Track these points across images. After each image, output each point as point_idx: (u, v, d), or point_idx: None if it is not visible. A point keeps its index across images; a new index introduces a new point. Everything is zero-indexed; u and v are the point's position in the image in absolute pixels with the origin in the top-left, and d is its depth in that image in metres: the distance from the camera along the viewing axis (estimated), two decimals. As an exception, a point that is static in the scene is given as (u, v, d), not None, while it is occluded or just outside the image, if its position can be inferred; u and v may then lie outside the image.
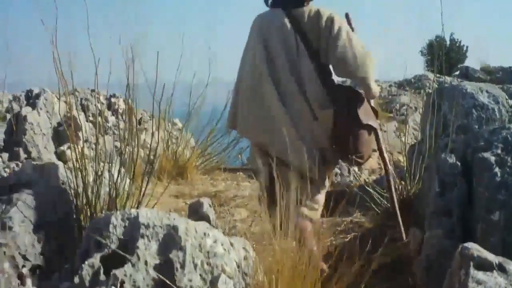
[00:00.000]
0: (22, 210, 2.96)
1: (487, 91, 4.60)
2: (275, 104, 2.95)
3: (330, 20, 2.99)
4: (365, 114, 2.98)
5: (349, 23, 3.20)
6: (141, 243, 2.05)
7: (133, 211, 2.16)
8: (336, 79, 3.13)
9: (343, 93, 3.02)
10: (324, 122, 2.95)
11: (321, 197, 3.13)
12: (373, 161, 5.91)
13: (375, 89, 3.06)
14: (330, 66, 3.05)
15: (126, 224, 2.11)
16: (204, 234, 2.15)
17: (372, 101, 3.13)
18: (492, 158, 3.05)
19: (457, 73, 16.63)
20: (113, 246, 2.06)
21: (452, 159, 3.28)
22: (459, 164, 3.24)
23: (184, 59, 5.84)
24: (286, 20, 3.04)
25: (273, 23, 3.08)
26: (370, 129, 3.04)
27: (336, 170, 5.78)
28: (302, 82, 2.96)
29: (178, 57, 5.83)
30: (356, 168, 5.49)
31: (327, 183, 3.18)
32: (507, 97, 4.63)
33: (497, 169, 2.96)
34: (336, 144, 2.97)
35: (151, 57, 3.43)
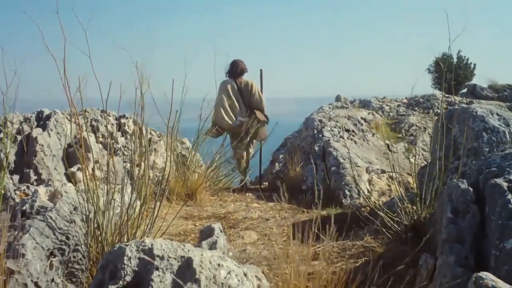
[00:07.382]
0: (35, 236, 2.96)
1: (497, 114, 4.59)
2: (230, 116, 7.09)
3: (251, 86, 7.26)
4: (258, 118, 7.11)
5: (261, 76, 7.61)
6: (155, 275, 2.04)
7: (148, 242, 2.16)
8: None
9: (253, 112, 7.17)
10: (250, 122, 7.01)
11: (250, 149, 7.41)
12: (383, 183, 5.89)
13: (264, 111, 7.31)
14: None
15: (141, 256, 2.10)
16: (218, 265, 2.14)
17: (265, 111, 7.41)
18: (505, 184, 3.01)
19: (464, 90, 16.58)
20: (128, 278, 2.06)
21: (464, 185, 3.24)
22: (471, 190, 3.21)
23: (190, 78, 5.97)
24: (234, 84, 7.22)
25: (229, 85, 7.18)
26: (262, 123, 7.29)
27: (346, 192, 5.75)
28: (243, 110, 7.20)
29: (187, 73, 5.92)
30: (366, 190, 5.50)
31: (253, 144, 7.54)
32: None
33: (510, 196, 2.91)
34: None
35: (159, 76, 3.57)
